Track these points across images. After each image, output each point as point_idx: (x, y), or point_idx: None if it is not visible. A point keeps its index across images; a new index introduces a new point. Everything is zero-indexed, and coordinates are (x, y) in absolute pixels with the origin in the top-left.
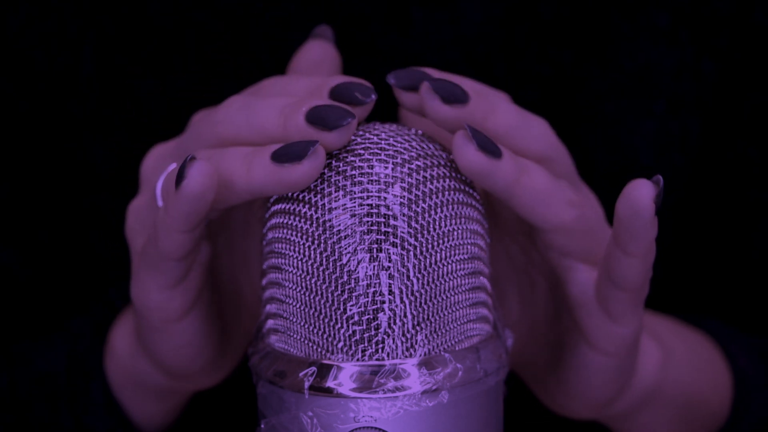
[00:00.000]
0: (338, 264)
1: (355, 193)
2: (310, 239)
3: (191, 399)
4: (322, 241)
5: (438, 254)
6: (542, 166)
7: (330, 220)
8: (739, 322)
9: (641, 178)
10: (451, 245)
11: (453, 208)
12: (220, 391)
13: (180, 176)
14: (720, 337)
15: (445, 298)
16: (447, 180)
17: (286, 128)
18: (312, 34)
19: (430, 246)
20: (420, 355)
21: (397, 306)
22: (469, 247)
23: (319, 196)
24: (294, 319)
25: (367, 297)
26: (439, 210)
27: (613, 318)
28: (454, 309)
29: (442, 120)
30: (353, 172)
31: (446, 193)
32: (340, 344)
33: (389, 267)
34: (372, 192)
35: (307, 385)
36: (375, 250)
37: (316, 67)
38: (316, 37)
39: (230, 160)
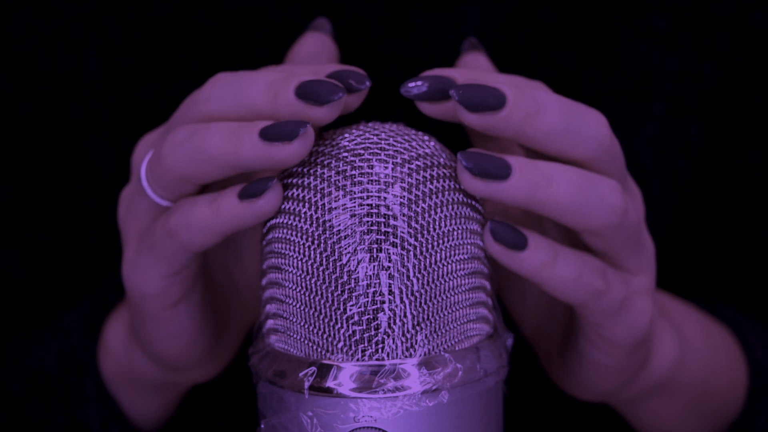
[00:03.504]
0: (338, 264)
1: (355, 193)
2: (310, 239)
3: (192, 399)
4: (322, 241)
5: (438, 254)
6: (588, 168)
7: (330, 220)
8: None
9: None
10: (451, 245)
11: (453, 208)
12: (219, 390)
13: (253, 193)
14: (737, 327)
15: (445, 298)
16: (447, 180)
17: (276, 103)
18: (309, 26)
19: (430, 246)
20: (420, 355)
21: (397, 306)
22: (469, 247)
23: (319, 196)
24: (294, 319)
25: (367, 297)
26: (439, 210)
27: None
28: (454, 309)
29: (479, 129)
30: (353, 172)
31: (446, 193)
32: (340, 344)
33: (389, 267)
34: (372, 192)
35: (307, 385)
36: (375, 250)
37: (313, 59)
38: (313, 30)
39: (216, 135)
